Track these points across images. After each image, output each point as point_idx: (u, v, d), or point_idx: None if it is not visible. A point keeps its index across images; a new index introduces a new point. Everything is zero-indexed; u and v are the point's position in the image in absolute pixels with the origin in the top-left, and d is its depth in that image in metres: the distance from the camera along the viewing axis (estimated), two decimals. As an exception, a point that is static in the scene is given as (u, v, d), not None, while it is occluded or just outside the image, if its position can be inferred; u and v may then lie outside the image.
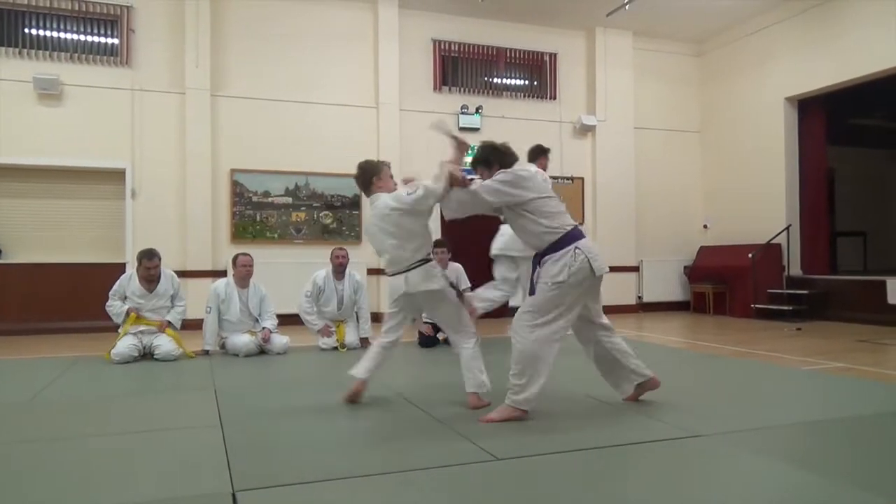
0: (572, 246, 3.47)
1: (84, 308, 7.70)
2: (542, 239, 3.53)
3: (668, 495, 2.39)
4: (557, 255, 3.47)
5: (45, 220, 8.14)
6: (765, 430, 3.27)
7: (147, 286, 5.78)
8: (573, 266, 3.42)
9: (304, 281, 6.45)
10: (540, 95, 10.23)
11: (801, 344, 6.63)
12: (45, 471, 2.73)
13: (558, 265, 3.44)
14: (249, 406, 3.94)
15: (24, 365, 5.62)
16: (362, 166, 4.00)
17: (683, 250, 10.80)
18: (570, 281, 3.42)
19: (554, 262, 3.46)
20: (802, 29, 9.19)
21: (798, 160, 9.58)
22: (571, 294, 3.47)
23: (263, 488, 2.47)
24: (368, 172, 3.95)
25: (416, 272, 3.75)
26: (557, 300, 3.45)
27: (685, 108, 11.02)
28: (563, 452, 2.89)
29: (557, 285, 3.43)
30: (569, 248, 3.47)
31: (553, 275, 3.43)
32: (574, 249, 3.46)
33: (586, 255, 3.46)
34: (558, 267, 3.44)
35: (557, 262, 3.45)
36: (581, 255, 3.45)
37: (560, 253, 3.46)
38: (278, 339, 6.09)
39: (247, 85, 8.72)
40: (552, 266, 3.46)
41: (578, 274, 3.43)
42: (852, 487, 2.45)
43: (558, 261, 3.45)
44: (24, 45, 7.95)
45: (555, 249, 3.48)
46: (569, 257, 3.44)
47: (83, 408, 3.96)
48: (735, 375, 4.94)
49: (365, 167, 3.99)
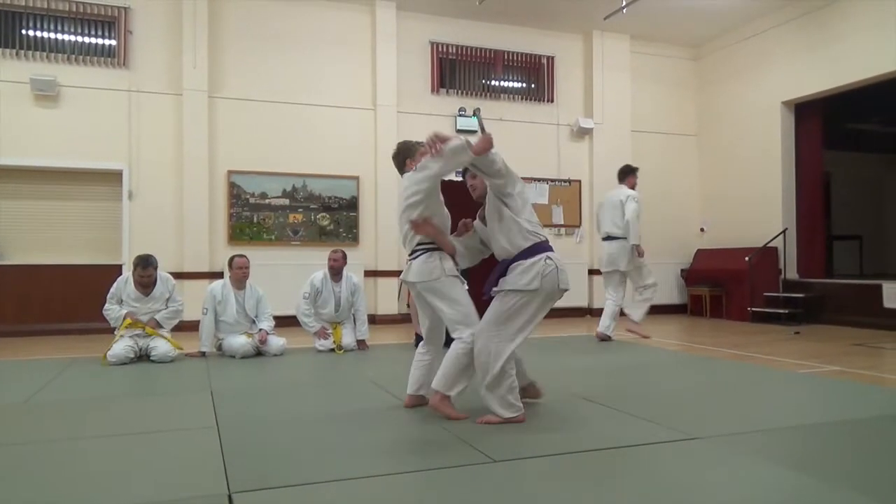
0: (544, 254, 3.45)
1: (80, 310, 7.69)
2: (516, 244, 3.47)
3: (665, 498, 2.39)
4: (528, 262, 3.42)
5: (41, 221, 8.12)
6: (761, 432, 3.27)
7: (143, 290, 5.78)
8: (545, 274, 3.39)
9: (301, 283, 6.44)
10: (537, 98, 10.24)
11: (797, 347, 6.64)
12: (40, 473, 2.72)
13: (530, 273, 3.39)
14: (246, 408, 3.93)
15: (19, 366, 5.60)
16: (399, 146, 3.92)
17: (680, 253, 10.82)
18: (542, 288, 3.38)
19: (524, 270, 3.41)
20: (799, 33, 9.22)
21: (795, 164, 9.61)
22: (538, 304, 3.43)
23: (260, 490, 2.46)
24: (402, 154, 3.87)
25: (418, 261, 3.64)
26: (524, 310, 3.41)
27: (682, 112, 11.04)
28: (560, 455, 2.89)
29: (529, 294, 3.39)
30: (540, 256, 3.44)
31: (524, 283, 3.38)
32: (545, 259, 3.43)
33: (556, 266, 3.43)
34: (530, 275, 3.38)
35: (529, 270, 3.40)
36: (552, 265, 3.42)
37: (531, 260, 3.42)
38: (275, 340, 6.09)
39: (244, 86, 8.71)
40: (522, 275, 3.40)
41: (548, 284, 3.39)
42: (849, 491, 2.45)
43: (530, 269, 3.40)
44: (22, 47, 7.93)
45: (525, 257, 3.44)
46: (540, 265, 3.40)
47: (79, 410, 3.94)
48: (732, 378, 4.95)
49: (401, 147, 3.90)
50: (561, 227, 10.21)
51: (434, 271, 3.56)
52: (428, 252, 3.62)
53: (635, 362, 5.76)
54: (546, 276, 3.39)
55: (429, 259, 3.60)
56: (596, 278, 10.25)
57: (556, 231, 10.15)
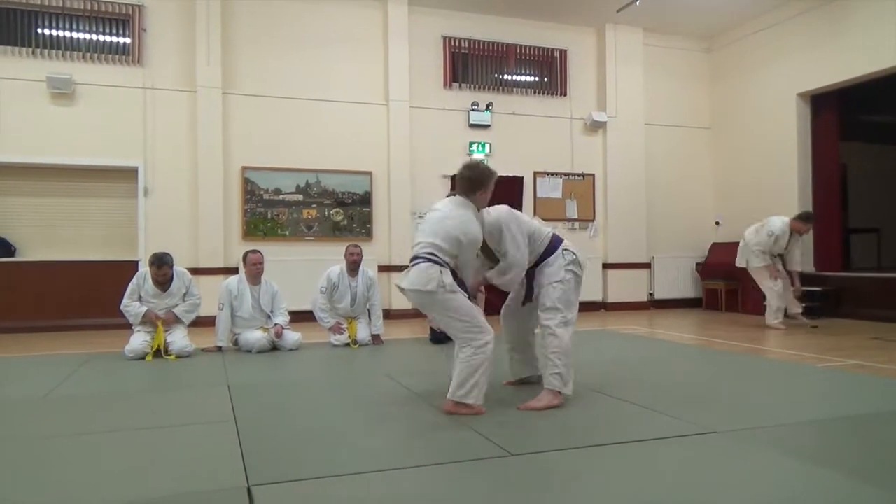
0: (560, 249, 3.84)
1: (97, 305, 7.77)
2: (535, 251, 3.81)
3: (683, 492, 2.39)
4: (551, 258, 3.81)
5: (58, 218, 8.20)
6: (779, 427, 3.25)
7: (160, 287, 5.82)
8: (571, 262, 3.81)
9: (316, 278, 6.47)
10: (550, 92, 10.20)
11: (814, 341, 6.58)
12: (61, 466, 2.75)
13: (556, 265, 3.78)
14: (263, 402, 3.96)
15: (38, 362, 5.66)
16: (475, 171, 3.68)
17: (695, 247, 10.75)
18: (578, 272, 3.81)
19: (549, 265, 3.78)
20: (815, 24, 9.11)
21: (811, 156, 9.50)
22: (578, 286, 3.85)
23: (278, 483, 2.48)
24: (477, 182, 3.67)
25: (418, 268, 3.46)
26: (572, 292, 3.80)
27: (696, 105, 10.96)
28: (578, 448, 2.89)
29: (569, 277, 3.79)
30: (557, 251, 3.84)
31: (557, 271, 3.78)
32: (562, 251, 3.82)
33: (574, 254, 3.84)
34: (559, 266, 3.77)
35: (553, 263, 3.78)
36: (570, 254, 3.81)
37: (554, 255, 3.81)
38: (290, 335, 6.12)
39: (257, 83, 8.75)
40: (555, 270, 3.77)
41: (577, 268, 3.82)
42: (868, 485, 2.43)
43: (554, 262, 3.78)
44: (38, 45, 8.01)
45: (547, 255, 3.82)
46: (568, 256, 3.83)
47: (98, 404, 3.99)
48: (748, 372, 4.92)
49: (475, 174, 3.68)
50: (575, 222, 10.18)
51: (431, 282, 3.38)
52: (430, 263, 3.44)
53: (651, 356, 5.75)
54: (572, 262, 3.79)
55: (429, 269, 3.41)
56: (610, 272, 10.24)
57: (569, 225, 10.12)
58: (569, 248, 3.82)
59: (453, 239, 3.48)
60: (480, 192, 3.65)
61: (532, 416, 3.43)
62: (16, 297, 7.81)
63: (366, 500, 2.35)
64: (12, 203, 8.07)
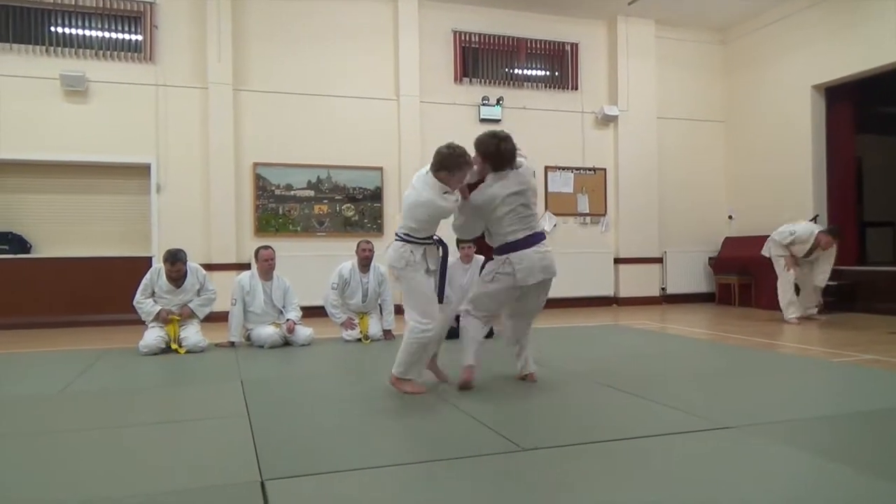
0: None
1: (111, 301, 7.82)
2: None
3: (696, 487, 2.37)
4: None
5: (72, 215, 8.27)
6: (793, 421, 3.22)
7: (174, 283, 5.84)
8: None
9: (327, 273, 6.48)
10: (561, 86, 10.16)
11: (829, 336, 6.53)
12: (77, 460, 2.78)
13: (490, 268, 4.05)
14: (276, 396, 3.98)
15: (53, 357, 5.72)
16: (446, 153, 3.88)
17: (708, 241, 10.68)
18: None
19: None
20: (830, 15, 9.00)
21: (825, 149, 9.40)
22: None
23: (291, 477, 2.49)
24: (444, 164, 3.86)
25: (393, 246, 3.89)
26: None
27: (709, 98, 10.86)
28: (589, 443, 2.88)
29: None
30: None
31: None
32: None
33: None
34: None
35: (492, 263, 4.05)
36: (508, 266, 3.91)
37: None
38: (302, 330, 6.14)
39: (268, 79, 8.77)
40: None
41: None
42: (883, 480, 2.41)
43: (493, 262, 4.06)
44: (51, 43, 8.06)
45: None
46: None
47: (113, 399, 4.02)
48: (762, 367, 4.88)
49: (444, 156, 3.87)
50: (586, 216, 10.14)
51: (400, 260, 3.78)
52: (403, 242, 3.82)
53: (663, 351, 5.72)
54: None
55: (402, 248, 3.81)
56: (621, 267, 10.19)
57: (581, 220, 10.09)
58: (516, 259, 3.82)
59: (423, 222, 3.82)
60: (445, 173, 3.78)
61: (543, 412, 3.42)
62: (31, 293, 7.88)
63: (378, 495, 2.36)
64: (27, 200, 8.15)
